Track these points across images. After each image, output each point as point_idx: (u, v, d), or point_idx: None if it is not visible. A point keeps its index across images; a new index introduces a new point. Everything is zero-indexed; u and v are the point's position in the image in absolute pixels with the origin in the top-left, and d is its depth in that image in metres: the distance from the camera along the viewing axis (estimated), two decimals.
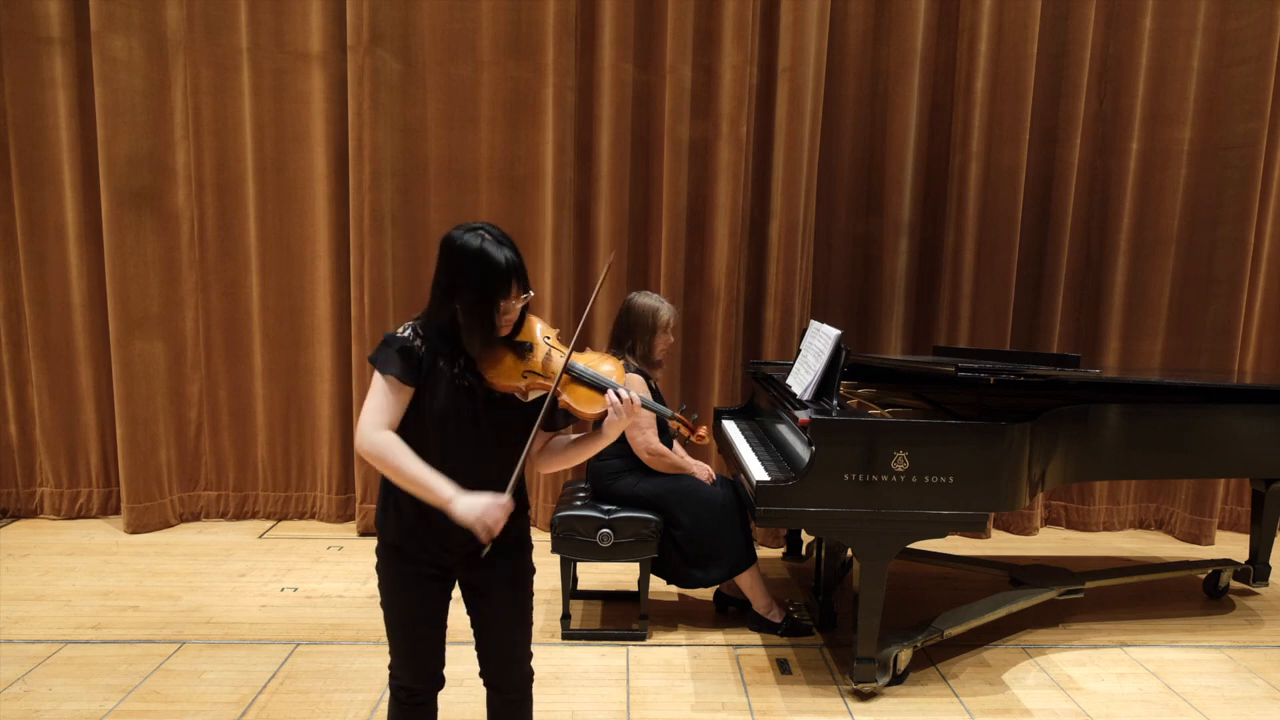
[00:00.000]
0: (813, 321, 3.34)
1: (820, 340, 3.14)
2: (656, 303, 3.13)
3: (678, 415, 1.84)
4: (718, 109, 4.06)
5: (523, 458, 1.71)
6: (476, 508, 1.63)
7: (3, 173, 4.10)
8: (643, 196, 4.23)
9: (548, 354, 1.76)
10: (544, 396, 1.73)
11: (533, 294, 1.75)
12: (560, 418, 1.82)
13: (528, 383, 1.72)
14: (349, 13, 3.93)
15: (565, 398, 1.73)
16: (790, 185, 4.08)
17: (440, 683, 1.89)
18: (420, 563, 1.79)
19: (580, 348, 1.82)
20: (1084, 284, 4.43)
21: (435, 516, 1.70)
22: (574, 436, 1.89)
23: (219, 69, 4.10)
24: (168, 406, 4.24)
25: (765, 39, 4.09)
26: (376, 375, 1.69)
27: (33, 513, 4.38)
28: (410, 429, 1.70)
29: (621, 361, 1.93)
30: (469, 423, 1.72)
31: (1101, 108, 4.31)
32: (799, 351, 3.39)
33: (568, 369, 1.74)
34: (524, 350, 1.74)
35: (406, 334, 1.71)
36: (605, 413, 1.74)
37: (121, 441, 4.12)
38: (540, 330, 1.80)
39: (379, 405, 1.67)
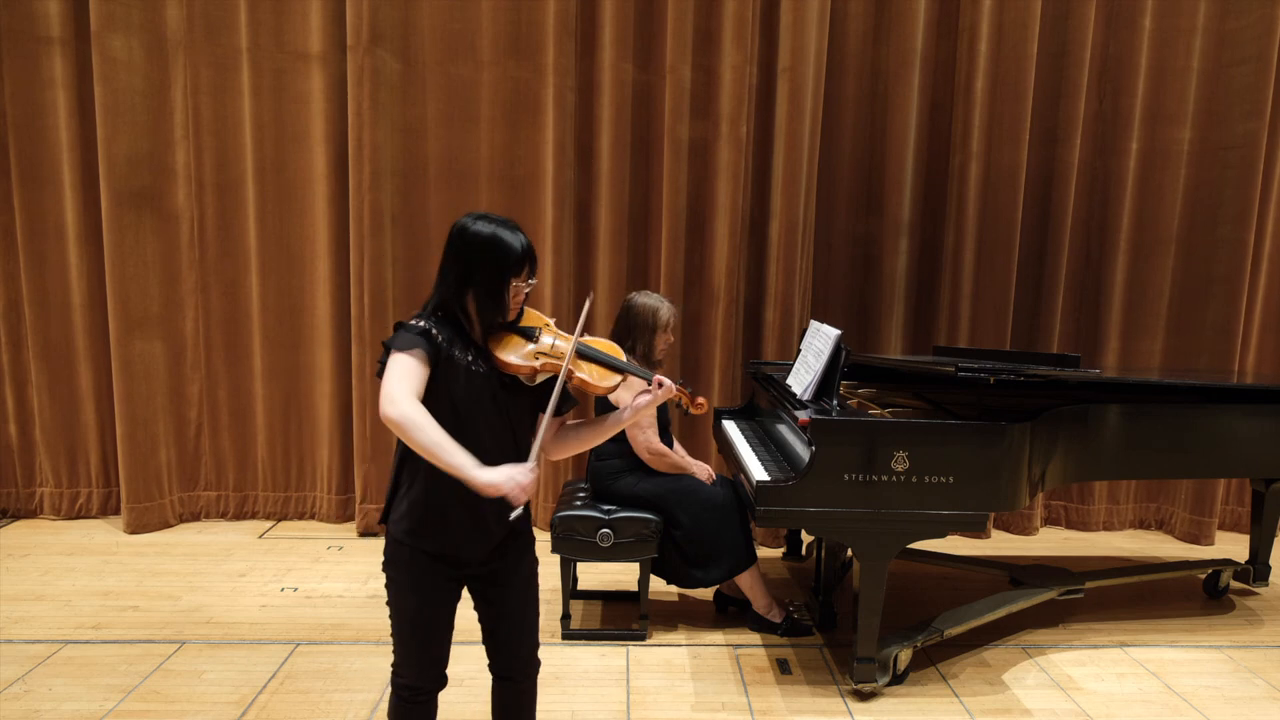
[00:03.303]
0: (813, 321, 3.34)
1: (820, 340, 3.14)
2: (657, 302, 3.13)
3: (677, 386, 1.92)
4: (718, 109, 4.06)
5: (541, 429, 1.76)
6: (503, 470, 1.60)
7: (3, 173, 4.10)
8: (643, 196, 4.23)
9: (555, 337, 1.85)
10: (551, 379, 1.80)
11: (535, 281, 1.83)
12: (568, 401, 1.87)
13: (540, 363, 1.78)
14: (349, 13, 3.93)
15: (580, 374, 1.80)
16: (790, 185, 4.08)
17: (443, 682, 1.89)
18: (436, 564, 1.79)
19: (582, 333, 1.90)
20: (1084, 284, 4.43)
21: (453, 512, 1.73)
22: (582, 420, 1.95)
23: (219, 69, 4.10)
24: (168, 406, 4.24)
25: (765, 39, 4.09)
26: (396, 354, 1.66)
27: (33, 513, 4.38)
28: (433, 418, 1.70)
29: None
30: (486, 409, 1.75)
31: (1101, 108, 4.31)
32: (799, 351, 3.39)
33: (578, 348, 1.83)
34: (533, 334, 1.83)
35: (423, 323, 1.73)
36: (617, 386, 1.82)
37: (121, 441, 4.12)
38: (540, 319, 1.89)
39: (403, 375, 1.63)
